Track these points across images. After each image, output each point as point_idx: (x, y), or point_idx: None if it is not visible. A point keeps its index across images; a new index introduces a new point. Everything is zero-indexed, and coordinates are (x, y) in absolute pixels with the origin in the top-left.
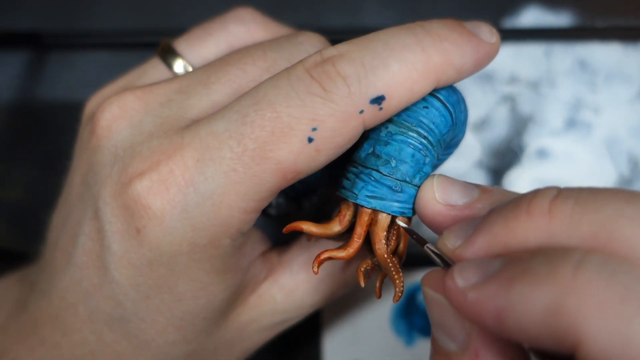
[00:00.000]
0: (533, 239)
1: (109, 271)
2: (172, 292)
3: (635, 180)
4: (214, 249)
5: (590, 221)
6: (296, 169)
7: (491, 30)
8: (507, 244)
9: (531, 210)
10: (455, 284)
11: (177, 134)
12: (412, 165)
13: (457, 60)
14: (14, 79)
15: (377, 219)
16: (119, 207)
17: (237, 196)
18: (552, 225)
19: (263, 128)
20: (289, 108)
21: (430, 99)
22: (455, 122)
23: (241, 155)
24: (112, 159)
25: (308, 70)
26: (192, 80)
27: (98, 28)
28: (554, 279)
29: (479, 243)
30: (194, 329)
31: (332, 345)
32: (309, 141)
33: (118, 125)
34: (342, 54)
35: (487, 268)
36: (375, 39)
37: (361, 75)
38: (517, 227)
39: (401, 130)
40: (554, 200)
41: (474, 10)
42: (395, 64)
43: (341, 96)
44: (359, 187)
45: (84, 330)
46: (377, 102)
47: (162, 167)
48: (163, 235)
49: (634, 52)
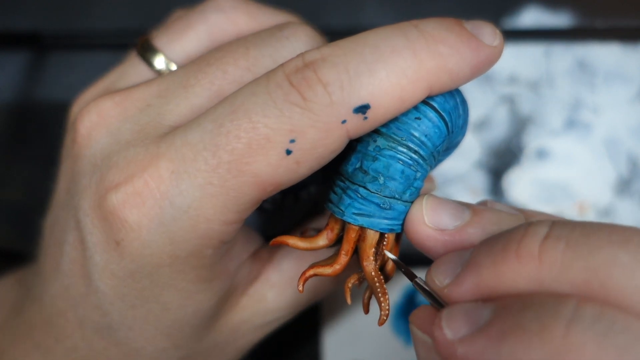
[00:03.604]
0: (522, 284)
1: (93, 281)
2: (157, 302)
3: (634, 180)
4: (196, 260)
5: (582, 268)
6: (275, 182)
7: (494, 32)
8: (496, 287)
9: (520, 253)
10: (443, 335)
11: (154, 143)
12: (402, 181)
13: (452, 66)
14: (14, 79)
15: (365, 235)
16: (98, 218)
17: (215, 209)
18: (542, 271)
19: (239, 139)
20: (265, 118)
21: (423, 108)
22: (452, 129)
23: (216, 168)
24: (90, 168)
25: (288, 77)
26: (171, 83)
27: (98, 28)
28: (546, 338)
29: (467, 284)
30: (183, 336)
31: (332, 345)
32: (287, 153)
33: (97, 133)
34: (325, 58)
35: (476, 317)
36: (363, 42)
37: (344, 82)
38: (505, 271)
39: (390, 144)
40: (544, 242)
41: (473, 10)
42: (383, 70)
43: (321, 105)
44: (345, 204)
45: (75, 337)
46: (362, 111)
47: (136, 180)
48: (142, 248)
49: (633, 52)
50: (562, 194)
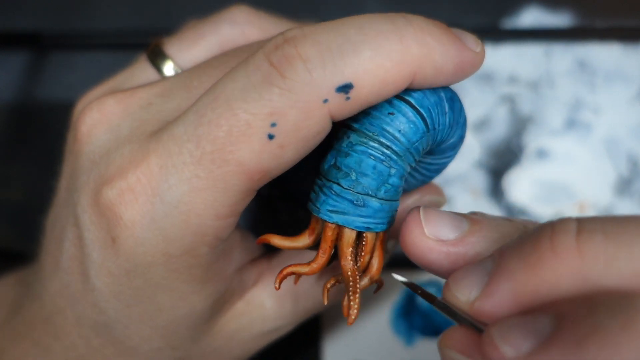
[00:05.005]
0: (566, 283)
1: (90, 279)
2: (151, 302)
3: (634, 180)
4: (191, 259)
5: (628, 258)
6: (261, 169)
7: (476, 40)
8: (537, 291)
9: (556, 248)
10: (501, 355)
11: (147, 140)
12: (374, 177)
13: (437, 58)
14: (14, 79)
15: (342, 234)
16: (95, 215)
17: (205, 204)
18: (586, 265)
19: (220, 128)
20: (245, 103)
21: (398, 103)
22: (433, 126)
23: (200, 159)
24: (89, 165)
25: (267, 56)
26: (174, 83)
27: (98, 28)
28: (633, 333)
29: (502, 293)
30: (179, 337)
31: (332, 346)
32: (269, 138)
33: (97, 130)
34: (307, 35)
35: (537, 329)
36: (348, 23)
37: (326, 59)
38: (544, 270)
39: (362, 140)
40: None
41: (474, 10)
42: (368, 50)
43: (301, 83)
44: (320, 201)
45: (73, 334)
46: (344, 90)
47: (130, 175)
48: (135, 246)
49: (633, 52)
50: (562, 194)
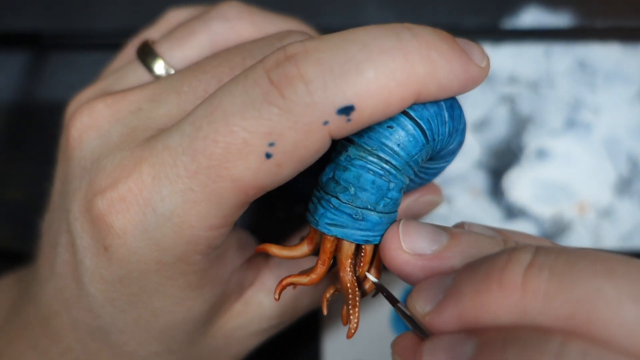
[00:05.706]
0: (506, 315)
1: (84, 285)
2: (147, 308)
3: (634, 180)
4: (185, 266)
5: (567, 300)
6: (257, 186)
7: (482, 53)
8: (478, 318)
9: (503, 283)
10: None
11: (139, 147)
12: (373, 192)
13: (442, 76)
14: (14, 79)
15: (341, 246)
16: (87, 222)
17: (198, 216)
18: (526, 302)
19: (216, 144)
20: (243, 120)
21: (397, 115)
22: (433, 138)
23: (195, 173)
24: (81, 171)
25: (267, 72)
26: (165, 87)
27: (98, 28)
28: None
29: (449, 313)
30: (176, 341)
31: (332, 345)
32: (267, 157)
33: (87, 135)
34: (308, 52)
35: (459, 353)
36: (351, 38)
37: (328, 81)
38: (488, 300)
39: (360, 154)
40: (527, 271)
41: (474, 11)
42: (371, 70)
43: (301, 105)
44: (319, 214)
45: (69, 338)
46: (346, 112)
47: (121, 185)
48: (128, 254)
49: (633, 52)
50: (562, 194)
